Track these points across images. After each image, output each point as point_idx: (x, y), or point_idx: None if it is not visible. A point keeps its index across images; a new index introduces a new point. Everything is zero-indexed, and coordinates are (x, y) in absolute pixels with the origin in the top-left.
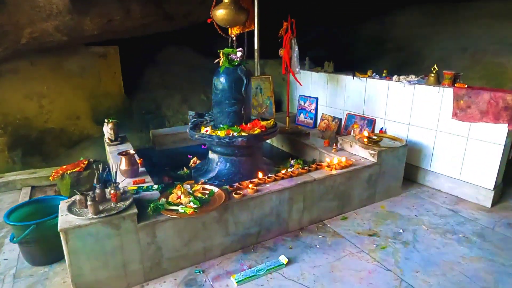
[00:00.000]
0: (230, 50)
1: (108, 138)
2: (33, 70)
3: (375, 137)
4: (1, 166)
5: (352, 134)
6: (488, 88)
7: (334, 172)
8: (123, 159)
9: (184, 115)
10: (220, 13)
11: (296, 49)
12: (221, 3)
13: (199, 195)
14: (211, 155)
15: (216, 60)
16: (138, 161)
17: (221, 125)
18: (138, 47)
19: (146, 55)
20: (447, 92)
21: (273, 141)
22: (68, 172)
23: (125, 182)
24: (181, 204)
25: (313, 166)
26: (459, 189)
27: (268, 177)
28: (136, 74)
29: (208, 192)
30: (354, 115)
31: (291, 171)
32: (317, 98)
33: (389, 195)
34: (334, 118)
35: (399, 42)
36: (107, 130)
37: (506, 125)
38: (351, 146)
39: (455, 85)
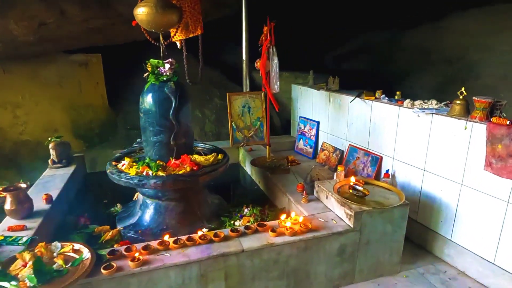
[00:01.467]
0: (156, 61)
1: (51, 160)
2: (7, 78)
3: (359, 188)
4: None
5: (335, 177)
6: None
7: (278, 240)
8: (8, 197)
9: None
10: (139, 13)
11: (276, 60)
12: None
13: (60, 262)
14: (139, 195)
15: (145, 74)
16: (44, 197)
17: (146, 159)
18: (125, 55)
19: (134, 64)
20: (478, 130)
21: (253, 173)
22: None
23: (5, 225)
24: (18, 277)
25: (252, 226)
26: (493, 279)
27: (174, 242)
28: (122, 85)
29: (77, 257)
30: (357, 148)
31: (216, 233)
32: (318, 122)
33: (378, 273)
34: (336, 149)
35: (448, 53)
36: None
37: None
38: (327, 198)
39: (491, 119)
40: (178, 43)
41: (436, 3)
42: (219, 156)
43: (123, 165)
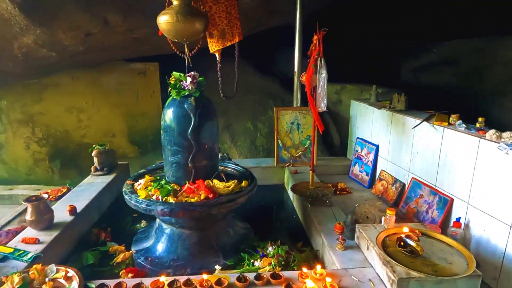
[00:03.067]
0: (178, 74)
1: (93, 167)
2: (74, 85)
3: (411, 243)
4: (42, 175)
5: (382, 222)
6: None
7: None
8: (29, 208)
9: (224, 144)
10: (161, 22)
11: (324, 74)
12: (169, 6)
13: None
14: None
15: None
16: (68, 208)
17: (163, 180)
18: (182, 64)
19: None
20: None
21: (294, 200)
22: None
23: (19, 236)
24: None
25: (264, 276)
26: None
27: (169, 285)
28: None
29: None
30: (421, 183)
31: (219, 280)
32: (377, 146)
33: None
34: (396, 180)
35: None
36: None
37: None
38: (368, 249)
39: None
40: (217, 55)
41: None
42: (243, 183)
43: (139, 185)
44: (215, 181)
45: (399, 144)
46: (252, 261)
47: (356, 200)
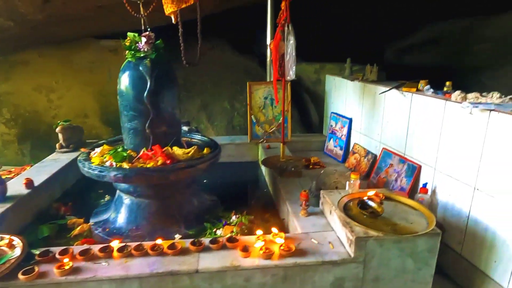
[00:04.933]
0: (132, 35)
1: (59, 144)
2: (42, 63)
3: (372, 204)
4: (12, 157)
5: (347, 187)
6: None
7: (247, 262)
8: None
9: (200, 124)
10: None
11: (292, 41)
12: None
13: None
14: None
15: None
16: (24, 182)
17: (123, 148)
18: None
19: (169, 50)
20: None
21: (266, 175)
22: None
23: None
24: None
25: (220, 240)
26: None
27: (119, 250)
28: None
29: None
30: (391, 153)
31: (172, 244)
32: (350, 120)
33: None
34: (368, 152)
35: None
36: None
37: None
38: (330, 213)
39: None
40: (173, 17)
41: None
42: (205, 151)
43: (94, 153)
44: (175, 148)
45: (371, 115)
46: (214, 230)
47: (332, 172)
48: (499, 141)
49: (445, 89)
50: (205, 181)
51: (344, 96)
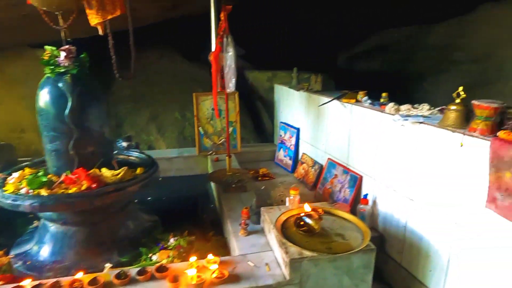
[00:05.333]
0: (50, 49)
1: None
2: None
3: (308, 221)
4: None
5: (287, 203)
6: None
7: None
8: None
9: (150, 136)
10: None
11: (230, 52)
12: None
13: None
14: None
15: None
16: None
17: (45, 171)
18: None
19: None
20: (479, 148)
21: (214, 189)
22: None
23: None
24: None
25: (149, 270)
26: None
27: None
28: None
29: None
30: (335, 163)
31: (94, 279)
32: (298, 129)
33: None
34: (315, 163)
35: (475, 50)
36: None
37: None
38: (269, 232)
39: (498, 134)
40: (99, 29)
41: None
42: (138, 171)
43: (12, 179)
44: (104, 170)
45: (316, 125)
46: (150, 255)
47: (277, 185)
48: (428, 153)
49: (381, 100)
50: (149, 198)
51: (292, 106)
